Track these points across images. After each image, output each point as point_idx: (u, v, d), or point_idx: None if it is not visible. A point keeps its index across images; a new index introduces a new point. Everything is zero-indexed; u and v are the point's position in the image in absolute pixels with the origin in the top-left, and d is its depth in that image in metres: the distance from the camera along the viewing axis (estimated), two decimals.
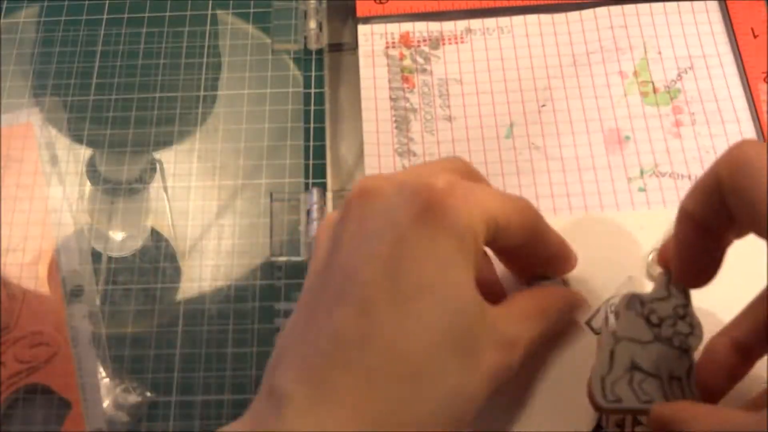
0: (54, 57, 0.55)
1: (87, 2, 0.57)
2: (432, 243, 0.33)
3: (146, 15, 0.57)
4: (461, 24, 0.55)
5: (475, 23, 0.55)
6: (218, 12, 0.57)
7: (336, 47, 0.55)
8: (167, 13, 0.57)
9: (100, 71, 0.55)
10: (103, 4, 0.57)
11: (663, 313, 0.40)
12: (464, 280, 0.33)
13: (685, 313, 0.40)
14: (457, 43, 0.54)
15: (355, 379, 0.31)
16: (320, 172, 0.51)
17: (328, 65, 0.54)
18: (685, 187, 0.48)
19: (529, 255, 0.39)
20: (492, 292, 0.38)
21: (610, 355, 0.39)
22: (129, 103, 0.53)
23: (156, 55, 0.55)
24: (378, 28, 0.55)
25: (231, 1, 0.57)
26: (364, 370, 0.31)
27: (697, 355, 0.39)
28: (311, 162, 0.51)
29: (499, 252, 0.39)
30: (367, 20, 0.55)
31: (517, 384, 0.40)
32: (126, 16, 0.57)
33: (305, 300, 0.35)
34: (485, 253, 0.39)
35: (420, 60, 0.54)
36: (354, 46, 0.54)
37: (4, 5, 0.58)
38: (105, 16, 0.57)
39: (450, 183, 0.34)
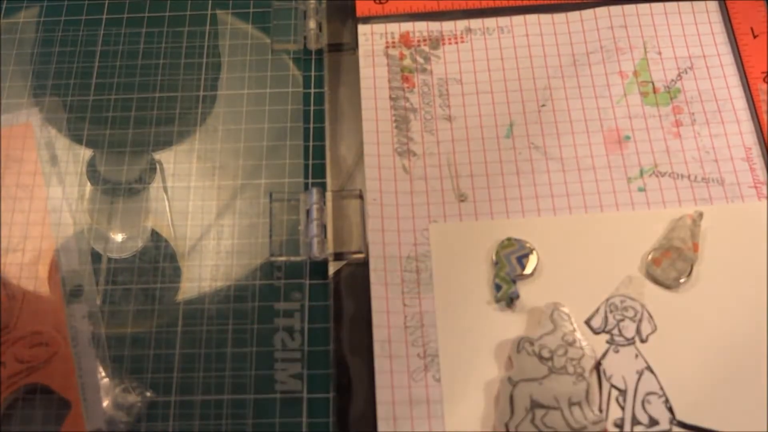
0: (54, 57, 0.55)
1: (87, 2, 0.57)
2: None
3: (146, 15, 0.57)
4: (461, 24, 0.55)
5: (475, 23, 0.55)
6: (218, 12, 0.57)
7: (336, 47, 0.54)
8: (167, 13, 0.57)
9: (99, 71, 0.55)
10: (102, 4, 0.57)
11: (552, 345, 0.42)
12: None
13: (573, 338, 0.42)
14: (457, 42, 0.54)
15: None
16: (320, 172, 0.50)
17: (328, 65, 0.54)
18: (684, 187, 0.48)
19: None
20: None
21: (509, 400, 0.40)
22: (129, 103, 0.53)
23: (156, 55, 0.55)
24: (378, 27, 0.55)
25: (231, 1, 0.57)
26: None
27: None
28: (311, 162, 0.51)
29: None
30: (366, 20, 0.55)
31: None
32: (126, 16, 0.57)
33: None
34: None
35: (420, 60, 0.54)
36: (354, 46, 0.54)
37: (4, 5, 0.58)
38: (104, 16, 0.57)
39: None
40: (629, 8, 0.54)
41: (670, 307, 0.44)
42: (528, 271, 0.46)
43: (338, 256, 0.47)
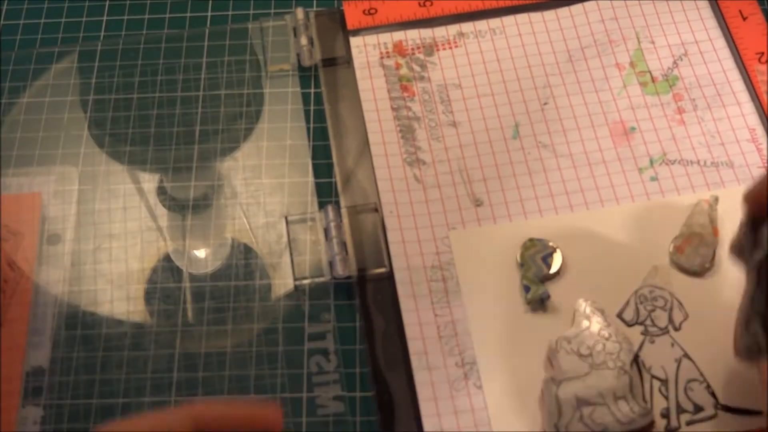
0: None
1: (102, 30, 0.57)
2: None
3: (146, 20, 0.57)
4: (453, 29, 0.55)
5: (467, 27, 0.55)
6: (224, 23, 0.56)
7: (330, 62, 0.54)
8: (165, 29, 0.56)
9: (115, 104, 0.54)
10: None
11: (590, 341, 0.42)
12: None
13: (609, 333, 0.42)
14: (451, 47, 0.54)
15: None
16: (328, 189, 0.50)
17: (324, 80, 0.53)
18: (695, 172, 0.48)
19: None
20: None
21: (555, 400, 0.40)
22: (148, 121, 0.53)
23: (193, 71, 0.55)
24: (370, 39, 0.54)
25: (230, 14, 0.57)
26: None
27: None
28: (323, 180, 0.50)
29: None
30: (357, 32, 0.55)
31: None
32: (125, 23, 0.57)
33: None
34: None
35: (416, 68, 0.53)
36: (348, 60, 0.54)
37: (5, 6, 0.57)
38: (120, 46, 0.56)
39: None
40: (617, 1, 0.55)
41: (699, 292, 0.45)
42: (554, 270, 0.45)
43: (362, 272, 0.46)
